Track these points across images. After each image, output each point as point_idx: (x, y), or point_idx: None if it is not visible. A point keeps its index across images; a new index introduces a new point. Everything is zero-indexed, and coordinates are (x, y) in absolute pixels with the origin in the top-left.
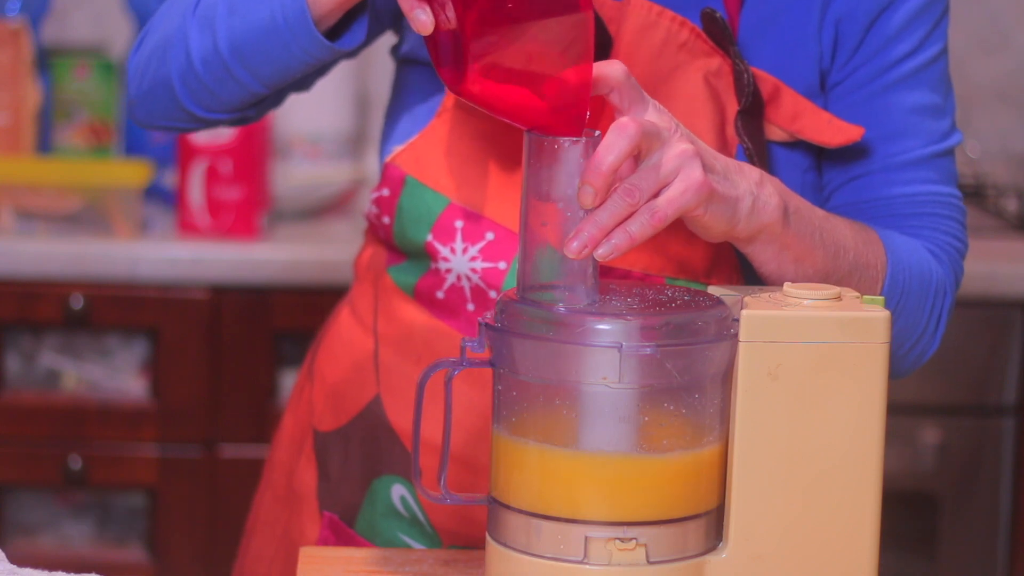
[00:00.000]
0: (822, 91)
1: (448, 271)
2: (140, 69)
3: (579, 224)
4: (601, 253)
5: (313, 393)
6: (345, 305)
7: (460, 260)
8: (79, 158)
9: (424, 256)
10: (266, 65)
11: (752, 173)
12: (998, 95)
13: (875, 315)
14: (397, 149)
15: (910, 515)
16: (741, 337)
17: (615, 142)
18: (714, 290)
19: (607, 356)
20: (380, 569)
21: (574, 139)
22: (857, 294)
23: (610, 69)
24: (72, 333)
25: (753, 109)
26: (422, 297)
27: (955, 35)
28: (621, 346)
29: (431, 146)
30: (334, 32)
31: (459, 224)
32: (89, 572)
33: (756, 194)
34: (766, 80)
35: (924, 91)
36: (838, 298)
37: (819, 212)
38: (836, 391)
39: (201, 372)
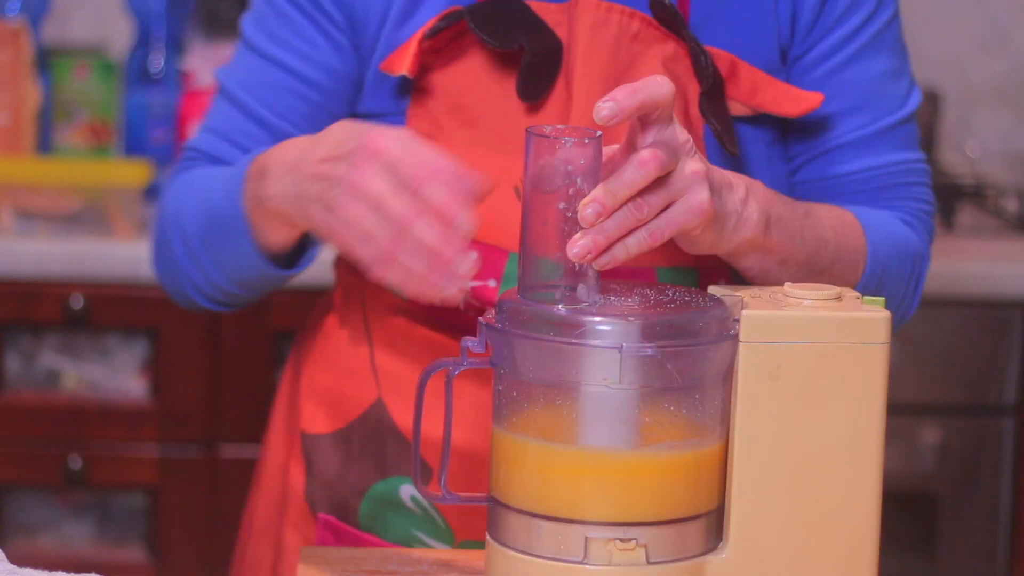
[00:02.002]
0: (783, 65)
1: None
2: (161, 276)
3: (586, 230)
4: (601, 262)
5: (299, 397)
6: (327, 308)
7: None
8: (79, 158)
9: None
10: (258, 289)
11: (739, 190)
12: (998, 95)
13: (875, 315)
14: None
15: (910, 515)
16: (741, 337)
17: (633, 177)
18: (714, 290)
19: (607, 356)
20: (380, 569)
21: (575, 138)
22: (857, 294)
23: (660, 92)
24: (72, 333)
25: (714, 89)
26: (417, 304)
27: (955, 35)
28: (622, 347)
29: None
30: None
31: None
32: (89, 572)
33: (740, 212)
34: (722, 57)
35: (883, 57)
36: (838, 298)
37: (800, 209)
38: (836, 391)
39: (201, 372)
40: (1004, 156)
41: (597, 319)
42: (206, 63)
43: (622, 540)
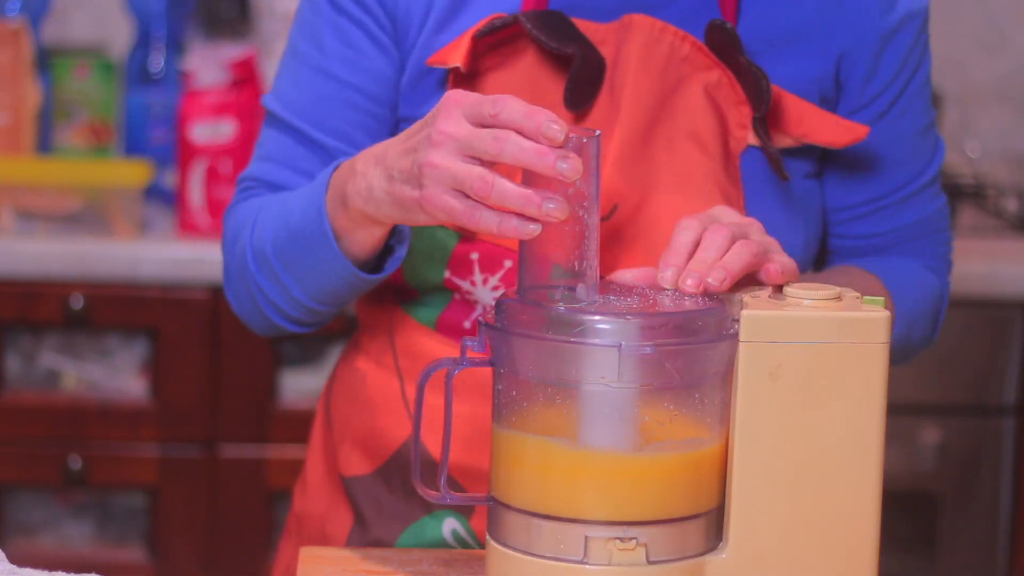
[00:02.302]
0: (820, 104)
1: (475, 302)
2: (237, 302)
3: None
4: (716, 277)
5: (334, 440)
6: (354, 350)
7: (483, 291)
8: (79, 158)
9: (443, 291)
10: (339, 299)
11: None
12: (998, 95)
13: (875, 315)
14: None
15: (910, 515)
16: (741, 337)
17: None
18: None
19: (607, 355)
20: (380, 569)
21: (575, 138)
22: (857, 294)
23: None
24: (72, 333)
25: (766, 115)
26: (447, 329)
27: (955, 35)
28: (621, 345)
29: None
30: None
31: (475, 256)
32: (89, 572)
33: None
34: None
35: (924, 109)
36: (838, 298)
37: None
38: (836, 391)
39: (201, 372)
40: (1004, 156)
41: (596, 318)
42: (206, 63)
43: (622, 540)
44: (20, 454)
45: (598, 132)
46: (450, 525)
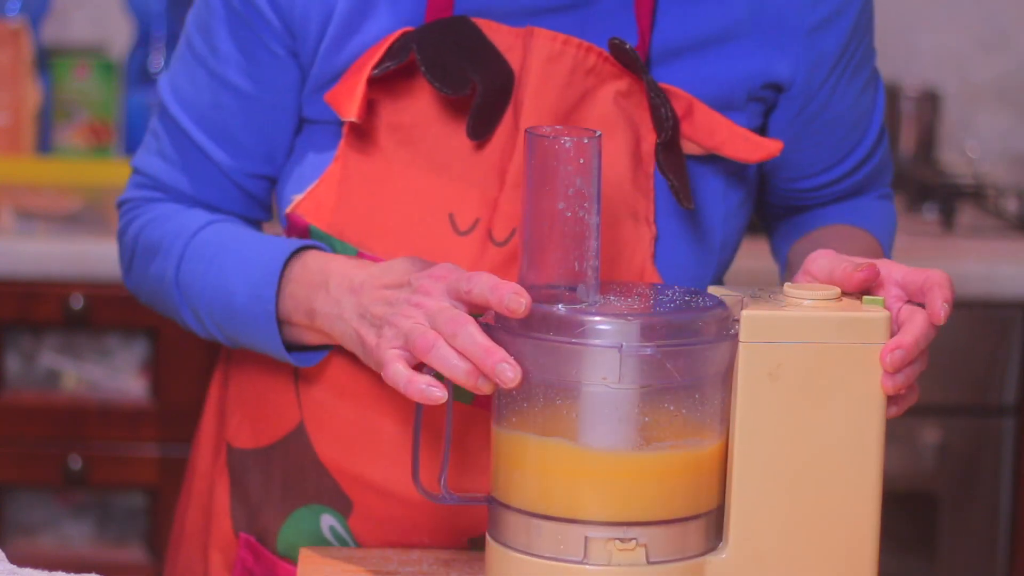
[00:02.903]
0: (742, 108)
1: None
2: (139, 291)
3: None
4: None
5: (227, 403)
6: None
7: None
8: (79, 158)
9: None
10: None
11: None
12: (998, 95)
13: (875, 315)
14: (297, 198)
15: (910, 515)
16: (741, 337)
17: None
18: (714, 290)
19: (607, 356)
20: (380, 569)
21: (574, 138)
22: (857, 294)
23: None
24: (72, 333)
25: (672, 140)
26: None
27: (955, 35)
28: (621, 346)
29: (331, 194)
30: None
31: None
32: (89, 572)
33: None
34: (680, 97)
35: (864, 78)
36: (838, 298)
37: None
38: (836, 391)
39: (201, 372)
40: (1004, 156)
41: (597, 318)
42: None
43: (622, 540)
44: (20, 454)
45: (598, 133)
46: (327, 521)
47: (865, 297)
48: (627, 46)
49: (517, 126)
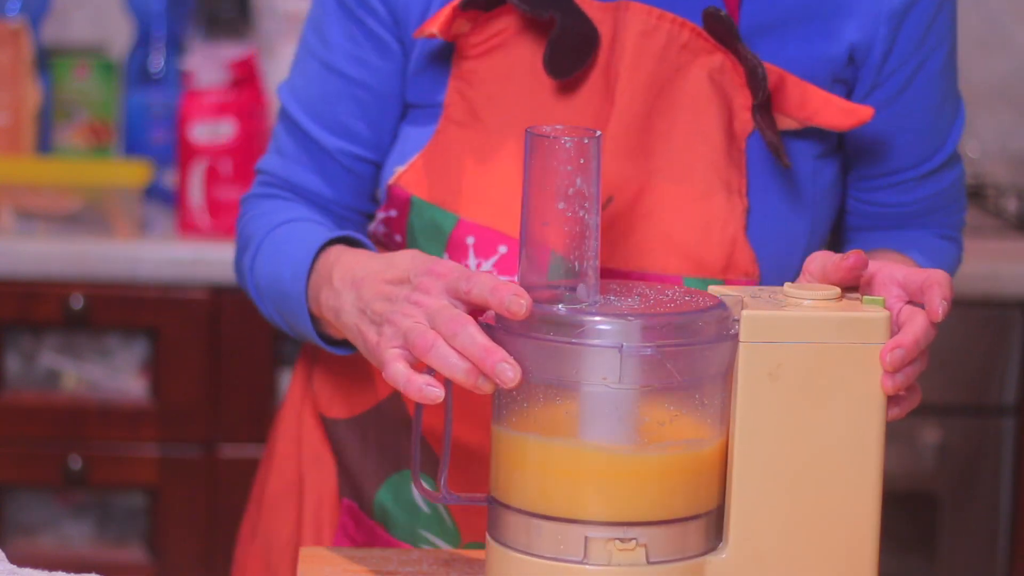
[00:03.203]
0: (832, 85)
1: None
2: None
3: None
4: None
5: (315, 379)
6: None
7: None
8: (79, 158)
9: None
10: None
11: None
12: (998, 95)
13: (875, 315)
14: (399, 170)
15: (910, 515)
16: (741, 337)
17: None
18: (714, 290)
19: (607, 356)
20: (380, 569)
21: (575, 138)
22: (857, 294)
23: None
24: (72, 333)
25: (766, 102)
26: None
27: None
28: (621, 346)
29: (433, 165)
30: None
31: (470, 240)
32: (89, 572)
33: None
34: (771, 70)
35: (946, 85)
36: (838, 298)
37: None
38: (836, 391)
39: (201, 372)
40: (1004, 156)
41: (597, 319)
42: (206, 63)
43: (622, 540)
44: (20, 454)
45: (598, 133)
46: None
47: (865, 297)
48: (722, 13)
49: (613, 97)
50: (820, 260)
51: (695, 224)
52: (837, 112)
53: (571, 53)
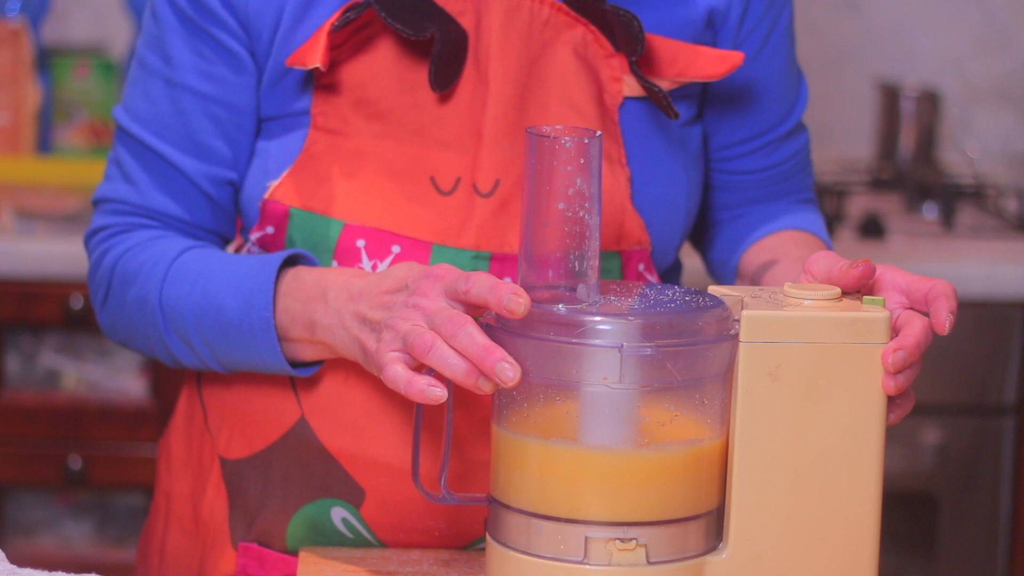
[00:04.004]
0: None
1: None
2: (115, 326)
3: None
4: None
5: (208, 420)
6: None
7: None
8: (79, 158)
9: None
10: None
11: None
12: (998, 95)
13: (875, 315)
14: (272, 184)
15: (910, 515)
16: (741, 337)
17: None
18: (714, 290)
19: (608, 356)
20: (380, 569)
21: (575, 138)
22: (857, 295)
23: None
24: (72, 333)
25: (640, 60)
26: None
27: (955, 35)
28: (622, 346)
29: (307, 174)
30: None
31: (361, 243)
32: (89, 572)
33: None
34: None
35: (791, 46)
36: (838, 298)
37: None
38: (836, 391)
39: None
40: (1004, 156)
41: (597, 319)
42: None
43: (622, 540)
44: (20, 454)
45: (599, 132)
46: (339, 514)
47: (865, 297)
48: None
49: (486, 82)
50: (826, 263)
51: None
52: (710, 61)
53: (451, 63)
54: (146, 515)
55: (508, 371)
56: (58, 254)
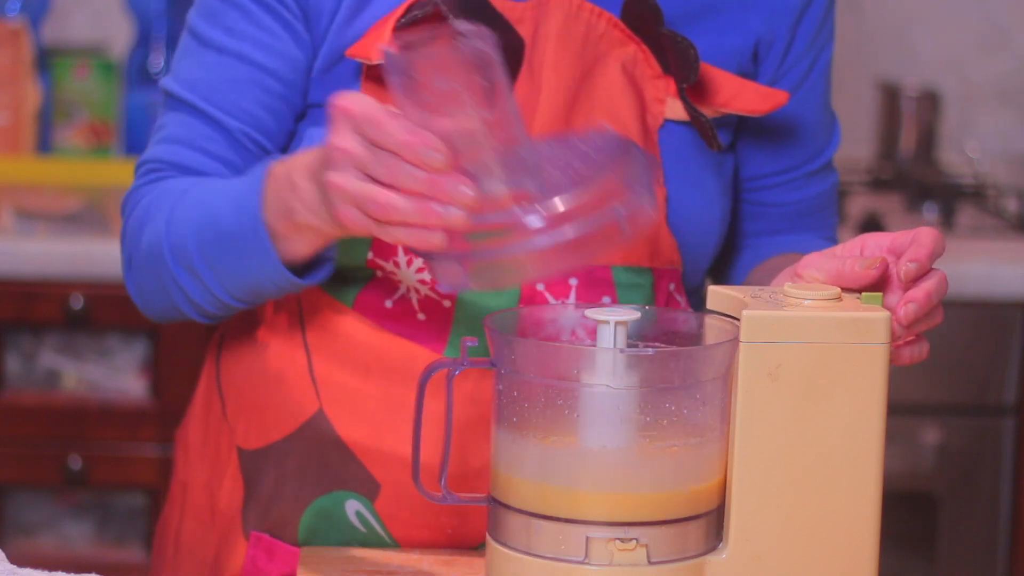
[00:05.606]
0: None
1: (399, 282)
2: (140, 291)
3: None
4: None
5: (227, 411)
6: (251, 321)
7: (407, 273)
8: (79, 158)
9: (364, 270)
10: (260, 299)
11: None
12: (998, 95)
13: (875, 315)
14: None
15: (910, 515)
16: (741, 337)
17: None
18: (714, 290)
19: (608, 357)
20: (380, 569)
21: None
22: (857, 294)
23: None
24: (72, 333)
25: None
26: (364, 308)
27: (955, 35)
28: (622, 347)
29: None
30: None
31: None
32: (89, 572)
33: None
34: None
35: (827, 86)
36: (838, 298)
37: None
38: (836, 391)
39: (201, 372)
40: (1004, 156)
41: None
42: None
43: (623, 540)
44: (20, 454)
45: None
46: (353, 507)
47: (864, 294)
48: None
49: (538, 88)
50: (833, 265)
51: None
52: (754, 96)
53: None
54: (146, 515)
55: (434, 155)
56: (58, 254)
